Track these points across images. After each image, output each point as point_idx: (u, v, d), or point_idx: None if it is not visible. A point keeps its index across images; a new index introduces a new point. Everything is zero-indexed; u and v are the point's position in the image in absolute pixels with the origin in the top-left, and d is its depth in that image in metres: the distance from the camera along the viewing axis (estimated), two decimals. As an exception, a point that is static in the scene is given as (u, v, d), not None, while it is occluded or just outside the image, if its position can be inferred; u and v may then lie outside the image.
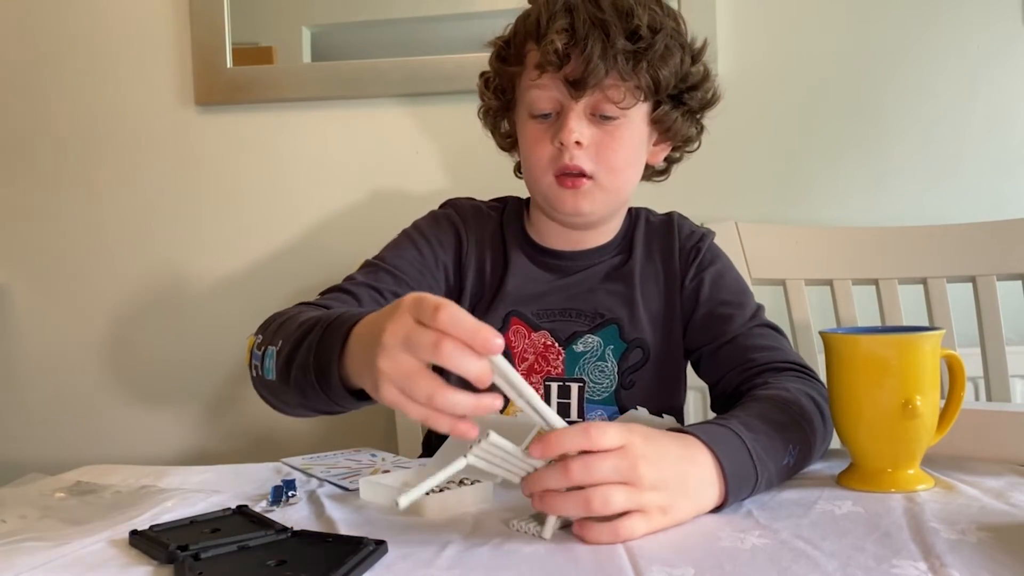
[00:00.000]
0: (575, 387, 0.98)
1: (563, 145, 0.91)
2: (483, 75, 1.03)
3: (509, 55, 0.98)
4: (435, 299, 0.57)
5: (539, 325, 0.99)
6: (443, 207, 1.07)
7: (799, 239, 1.28)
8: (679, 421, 0.98)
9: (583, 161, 0.92)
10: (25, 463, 1.48)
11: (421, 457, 1.00)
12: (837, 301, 1.25)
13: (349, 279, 0.96)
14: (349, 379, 0.68)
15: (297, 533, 0.64)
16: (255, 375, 0.81)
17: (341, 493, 0.78)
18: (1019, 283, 1.22)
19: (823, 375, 0.79)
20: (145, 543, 0.62)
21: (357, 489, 0.77)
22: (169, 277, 1.51)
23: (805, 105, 1.40)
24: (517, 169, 1.06)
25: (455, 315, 0.56)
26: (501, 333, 0.97)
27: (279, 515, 0.71)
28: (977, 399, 1.27)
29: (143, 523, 0.68)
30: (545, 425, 0.62)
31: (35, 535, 0.67)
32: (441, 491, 0.71)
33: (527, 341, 0.99)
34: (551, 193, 0.95)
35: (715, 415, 0.88)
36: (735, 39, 1.40)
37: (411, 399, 0.58)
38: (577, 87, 0.90)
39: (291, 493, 0.76)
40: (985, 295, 1.21)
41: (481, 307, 1.00)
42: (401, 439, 1.30)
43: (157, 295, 1.51)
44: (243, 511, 0.69)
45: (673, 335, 1.00)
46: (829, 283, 1.26)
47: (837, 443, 0.80)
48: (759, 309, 0.99)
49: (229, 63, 1.46)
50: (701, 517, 0.66)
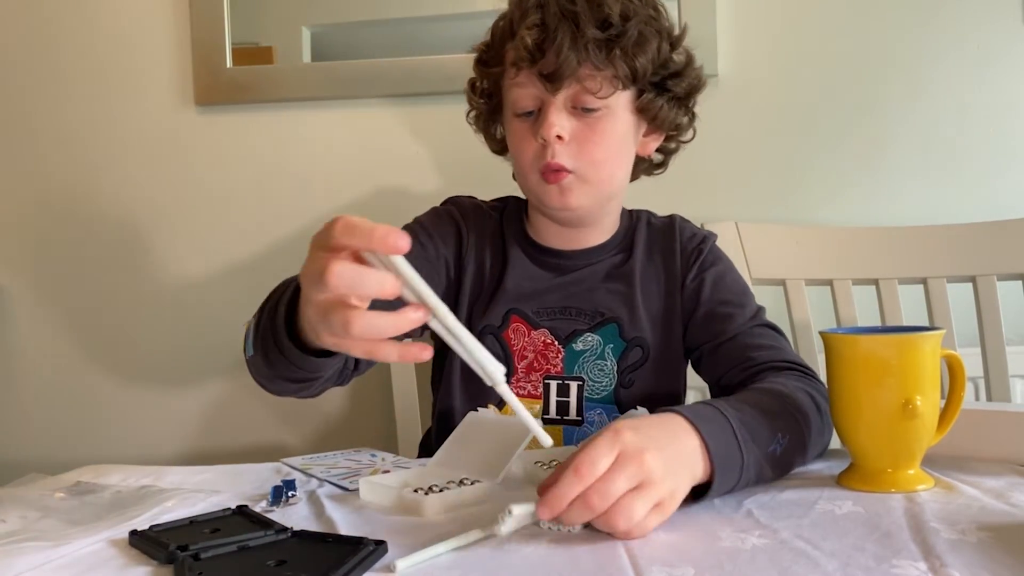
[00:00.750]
0: (574, 385, 0.98)
1: (545, 140, 0.92)
2: (470, 81, 1.04)
3: (489, 57, 0.99)
4: (332, 220, 0.54)
5: (539, 323, 0.99)
6: (444, 204, 1.07)
7: (799, 239, 1.28)
8: None
9: (563, 158, 0.92)
10: (25, 463, 1.48)
11: (419, 458, 1.00)
12: (837, 301, 1.25)
13: None
14: (307, 338, 0.67)
15: (297, 533, 0.64)
16: (245, 356, 0.81)
17: (341, 493, 0.78)
18: (1019, 283, 1.22)
19: (823, 375, 0.79)
20: (145, 543, 0.63)
21: (357, 489, 0.77)
22: (169, 277, 1.51)
23: (805, 105, 1.40)
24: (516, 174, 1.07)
25: (348, 223, 0.53)
26: (500, 331, 1.00)
27: (279, 515, 0.71)
28: (977, 399, 1.27)
29: (143, 523, 0.68)
30: (460, 347, 0.57)
31: (35, 535, 0.67)
32: (441, 491, 0.71)
33: (527, 339, 0.99)
34: (538, 190, 0.96)
35: None
36: (735, 39, 1.40)
37: (340, 336, 0.56)
38: (552, 80, 0.90)
39: (291, 493, 0.76)
40: (985, 295, 1.21)
41: (480, 304, 1.00)
42: (401, 439, 1.30)
43: (157, 295, 1.51)
44: (243, 511, 0.69)
45: (673, 335, 1.00)
46: (829, 283, 1.26)
47: (837, 443, 0.80)
48: (760, 310, 1.00)
49: (229, 63, 1.46)
50: (701, 517, 0.66)
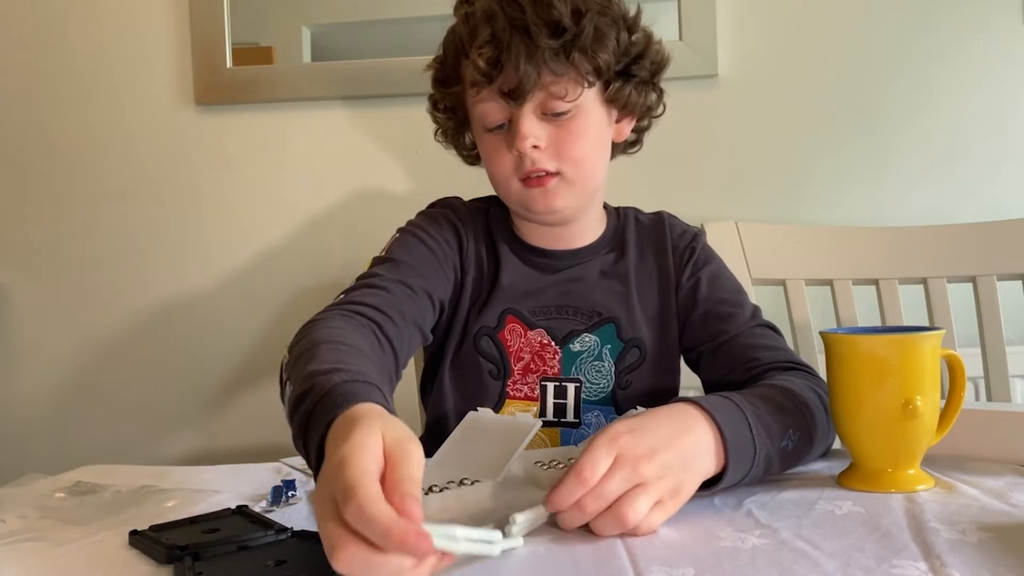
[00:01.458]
0: (572, 387, 0.97)
1: (521, 153, 0.90)
2: (430, 98, 1.02)
3: (446, 76, 0.97)
4: (348, 483, 0.48)
5: (535, 323, 0.98)
6: (434, 206, 1.04)
7: (799, 239, 1.28)
8: None
9: (544, 163, 0.91)
10: (25, 463, 1.48)
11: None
12: (837, 301, 1.25)
13: (374, 275, 0.90)
14: None
15: (297, 533, 0.63)
16: (281, 396, 0.75)
17: (341, 493, 0.78)
18: (1019, 283, 1.22)
19: (823, 375, 0.79)
20: (145, 543, 0.62)
21: (357, 489, 0.77)
22: (169, 277, 1.51)
23: (805, 105, 1.40)
24: None
25: (362, 512, 0.46)
26: (496, 331, 0.98)
27: (279, 515, 0.70)
28: (977, 399, 1.27)
29: (143, 523, 0.67)
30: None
31: (35, 535, 0.67)
32: (441, 491, 0.71)
33: (523, 340, 0.98)
34: (521, 197, 0.94)
35: None
36: (735, 39, 1.40)
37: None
38: (515, 97, 0.88)
39: (291, 493, 0.76)
40: (985, 295, 1.21)
41: (476, 306, 0.99)
42: (401, 439, 1.30)
43: (157, 295, 1.51)
44: (243, 511, 0.69)
45: (670, 335, 1.00)
46: (829, 283, 1.26)
47: (837, 443, 0.80)
48: (757, 309, 0.99)
49: (229, 63, 1.46)
50: (701, 517, 0.66)
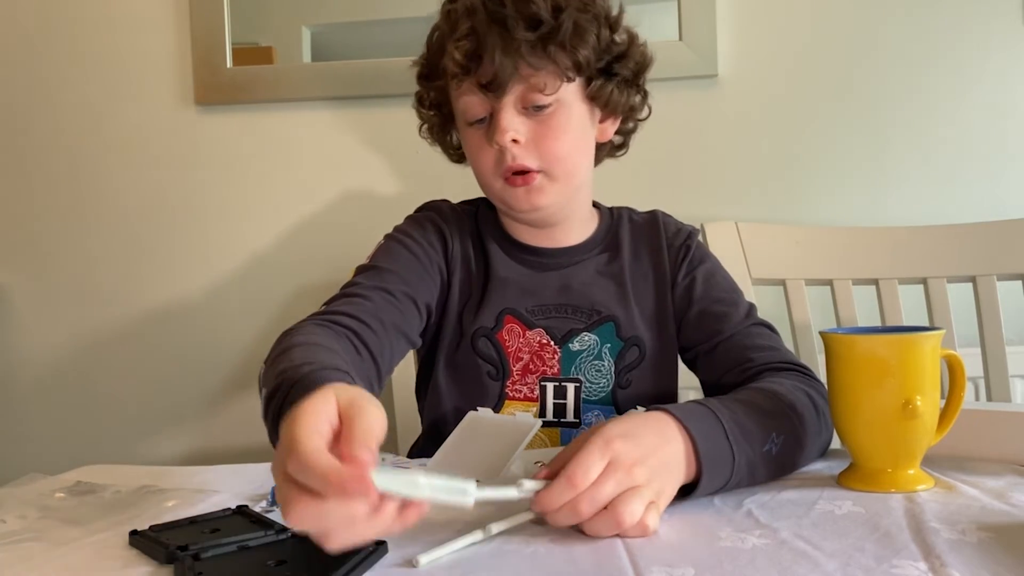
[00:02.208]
0: (571, 387, 0.97)
1: (501, 147, 0.90)
2: (416, 94, 1.02)
3: (430, 71, 0.98)
4: (291, 439, 0.50)
5: (534, 323, 0.98)
6: (420, 211, 1.05)
7: (799, 239, 1.28)
8: None
9: (525, 159, 0.91)
10: (25, 463, 1.48)
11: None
12: (837, 301, 1.25)
13: (354, 284, 0.92)
14: None
15: (297, 533, 0.63)
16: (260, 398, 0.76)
17: (341, 493, 0.78)
18: (1019, 283, 1.22)
19: (823, 375, 0.79)
20: (145, 543, 0.62)
21: (357, 489, 0.77)
22: (168, 276, 1.51)
23: (805, 105, 1.40)
24: None
25: (300, 462, 0.49)
26: (494, 332, 0.98)
27: (279, 515, 0.70)
28: (977, 399, 1.27)
29: (143, 523, 0.67)
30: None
31: (35, 535, 0.67)
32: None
33: (522, 340, 0.98)
34: (504, 195, 0.94)
35: None
36: (735, 39, 1.40)
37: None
38: (492, 89, 0.89)
39: (291, 493, 0.76)
40: (985, 295, 1.21)
41: (471, 307, 0.99)
42: (401, 439, 1.30)
43: (157, 294, 1.51)
44: (243, 511, 0.69)
45: (667, 333, 1.00)
46: (829, 283, 1.26)
47: (837, 443, 0.80)
48: (752, 308, 0.99)
49: (229, 63, 1.46)
50: (701, 517, 0.66)
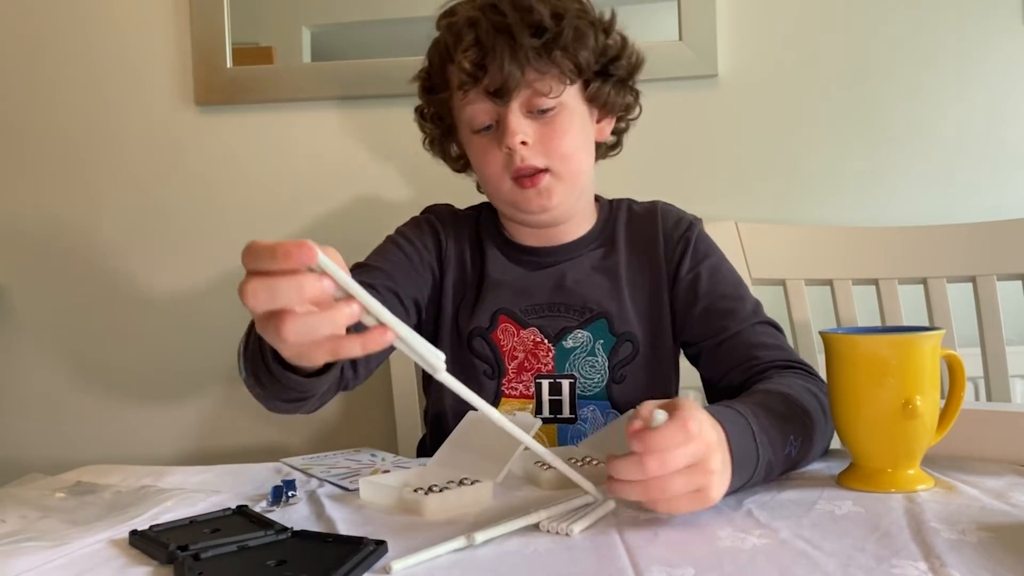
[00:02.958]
0: (566, 384, 0.98)
1: (510, 149, 0.93)
2: (417, 108, 1.07)
3: (433, 84, 1.01)
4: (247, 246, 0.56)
5: (528, 322, 1.00)
6: (422, 213, 1.09)
7: (799, 239, 1.28)
8: None
9: (534, 159, 0.94)
10: (25, 463, 1.48)
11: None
12: (837, 301, 1.25)
13: None
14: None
15: (297, 533, 0.64)
16: (240, 377, 0.82)
17: (341, 493, 0.78)
18: (1019, 283, 1.22)
19: (823, 375, 0.79)
20: (145, 543, 0.63)
21: (357, 489, 0.77)
22: (168, 277, 1.51)
23: (805, 105, 1.40)
24: (480, 187, 1.08)
25: (249, 249, 0.55)
26: (489, 332, 1.00)
27: (279, 515, 0.71)
28: (977, 399, 1.27)
29: (143, 523, 0.68)
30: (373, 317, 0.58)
31: (35, 535, 0.67)
32: (441, 491, 0.71)
33: (516, 339, 0.99)
34: (514, 197, 0.97)
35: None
36: (735, 39, 1.40)
37: (281, 345, 0.58)
38: (500, 95, 0.92)
39: (291, 493, 0.76)
40: (985, 295, 1.21)
41: (466, 308, 1.01)
42: (401, 439, 1.30)
43: (156, 295, 1.51)
44: (243, 511, 0.69)
45: (663, 327, 1.00)
46: (829, 283, 1.26)
47: (837, 443, 0.80)
48: (758, 304, 1.00)
49: (229, 63, 1.46)
50: (701, 517, 0.66)
